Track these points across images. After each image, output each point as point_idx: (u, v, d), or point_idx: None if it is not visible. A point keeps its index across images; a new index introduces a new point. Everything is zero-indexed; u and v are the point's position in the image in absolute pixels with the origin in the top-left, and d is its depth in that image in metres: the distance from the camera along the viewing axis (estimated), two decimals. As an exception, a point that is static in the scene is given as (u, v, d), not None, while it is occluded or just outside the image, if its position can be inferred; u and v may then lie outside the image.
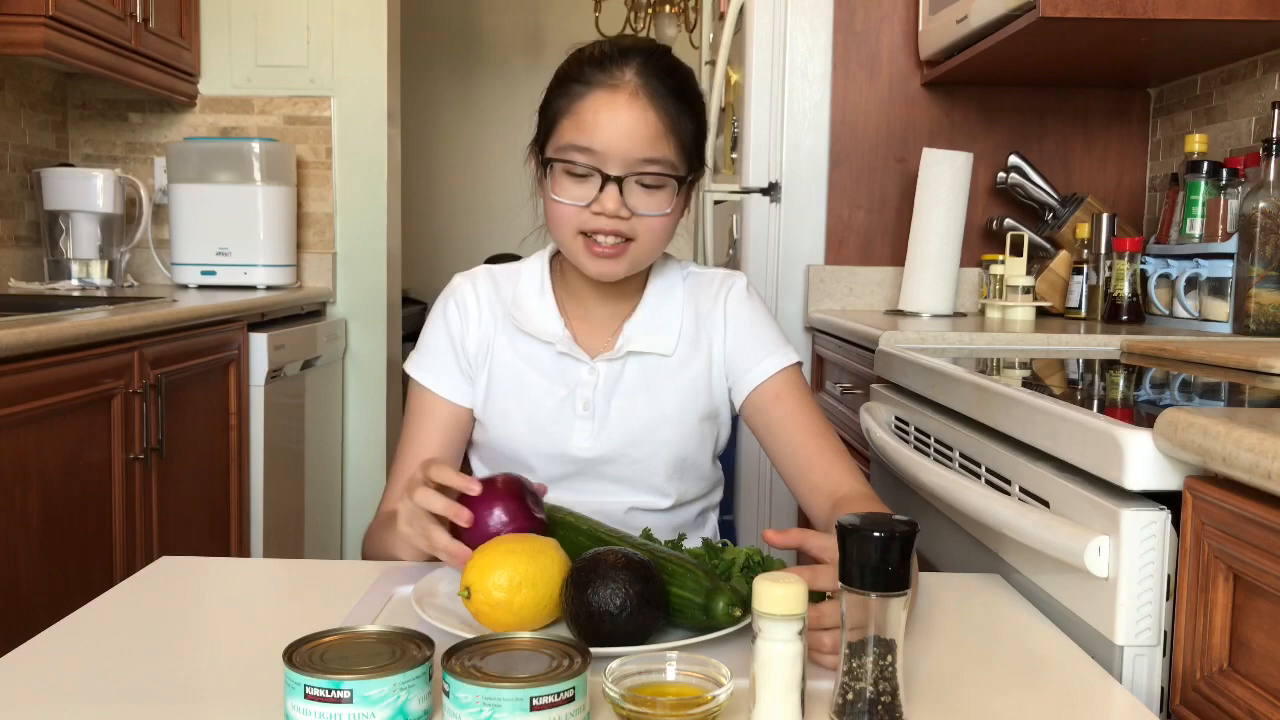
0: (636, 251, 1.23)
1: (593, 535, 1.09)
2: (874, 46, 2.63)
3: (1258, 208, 1.84)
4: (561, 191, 1.21)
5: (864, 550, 0.77)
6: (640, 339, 1.31)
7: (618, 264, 1.23)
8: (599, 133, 1.18)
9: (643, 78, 1.19)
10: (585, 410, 1.29)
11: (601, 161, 1.18)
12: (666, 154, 1.20)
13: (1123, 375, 1.48)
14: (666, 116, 1.20)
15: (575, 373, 1.30)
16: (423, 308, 5.34)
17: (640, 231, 1.21)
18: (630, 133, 1.18)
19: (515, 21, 5.94)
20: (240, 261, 3.11)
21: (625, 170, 1.18)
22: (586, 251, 1.22)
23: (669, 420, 1.31)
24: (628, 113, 1.18)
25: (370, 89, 3.37)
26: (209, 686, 0.91)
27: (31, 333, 1.76)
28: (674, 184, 1.22)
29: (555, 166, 1.21)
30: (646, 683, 0.83)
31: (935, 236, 2.42)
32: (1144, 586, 0.94)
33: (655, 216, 1.21)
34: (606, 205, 1.18)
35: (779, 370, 1.31)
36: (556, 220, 1.23)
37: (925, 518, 1.44)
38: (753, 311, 1.35)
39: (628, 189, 1.19)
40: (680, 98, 1.22)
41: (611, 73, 1.19)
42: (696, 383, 1.32)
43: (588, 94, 1.19)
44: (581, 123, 1.19)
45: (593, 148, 1.18)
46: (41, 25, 2.42)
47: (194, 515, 2.50)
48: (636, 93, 1.19)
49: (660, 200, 1.21)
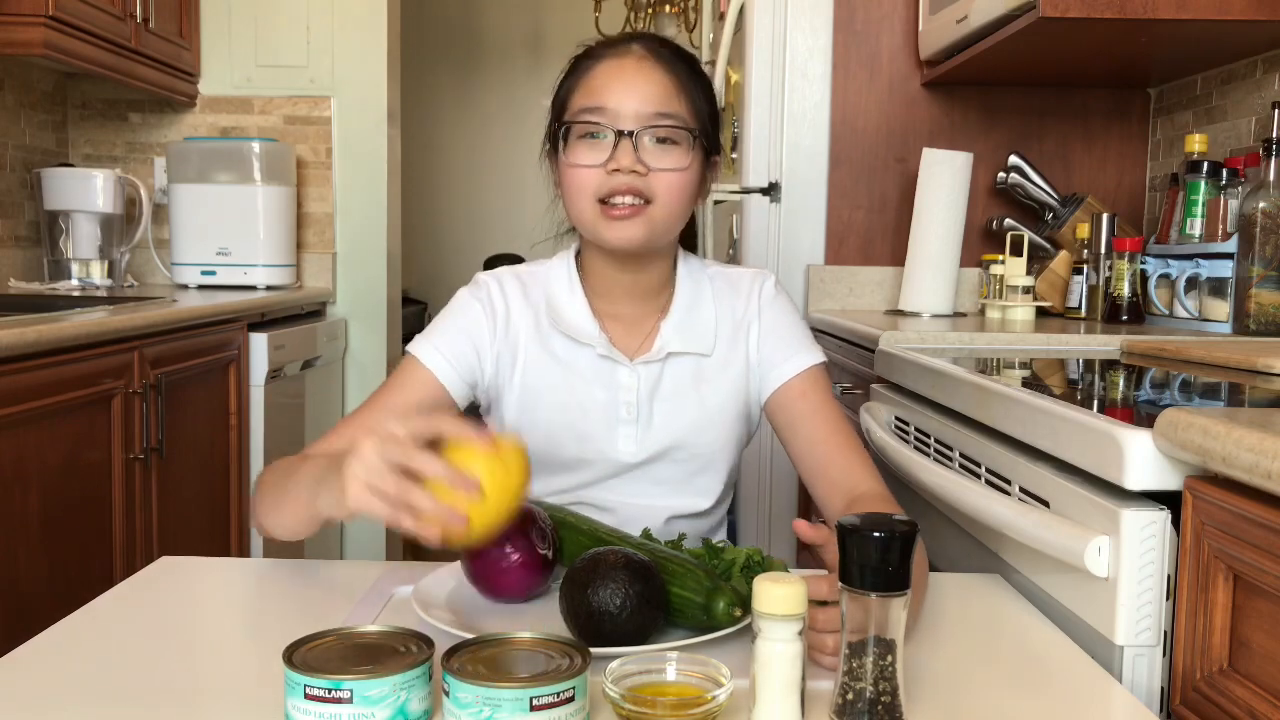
0: (654, 214, 1.20)
1: (593, 535, 1.09)
2: (874, 46, 2.63)
3: (1258, 208, 1.84)
4: (576, 156, 1.20)
5: (864, 550, 0.77)
6: (678, 340, 1.28)
7: (635, 226, 1.19)
8: (609, 92, 1.19)
9: (648, 47, 1.22)
10: (628, 414, 1.27)
11: (613, 119, 1.18)
12: (678, 110, 1.20)
13: (1123, 375, 1.48)
14: (677, 78, 1.21)
15: (615, 375, 1.27)
16: (423, 308, 5.32)
17: (658, 190, 1.19)
18: (640, 90, 1.19)
19: (515, 21, 5.94)
20: (240, 261, 3.11)
21: (638, 124, 1.18)
22: (604, 218, 1.20)
23: (712, 422, 1.29)
24: (636, 72, 1.20)
25: (370, 89, 3.37)
26: (209, 686, 0.91)
27: (31, 333, 1.76)
28: (688, 139, 1.21)
29: (570, 133, 1.21)
30: (646, 683, 0.83)
31: (935, 236, 2.42)
32: (1144, 586, 0.94)
33: (671, 171, 1.19)
34: (621, 160, 1.17)
35: (805, 369, 1.30)
36: (574, 188, 1.21)
37: (925, 518, 1.44)
38: (782, 310, 1.33)
39: (641, 145, 1.18)
40: (690, 68, 1.23)
41: (618, 46, 1.22)
42: (735, 382, 1.31)
43: (596, 65, 1.22)
44: (592, 88, 1.20)
45: (604, 106, 1.19)
46: (41, 25, 2.42)
47: (194, 515, 2.50)
48: (644, 57, 1.21)
49: (676, 156, 1.20)
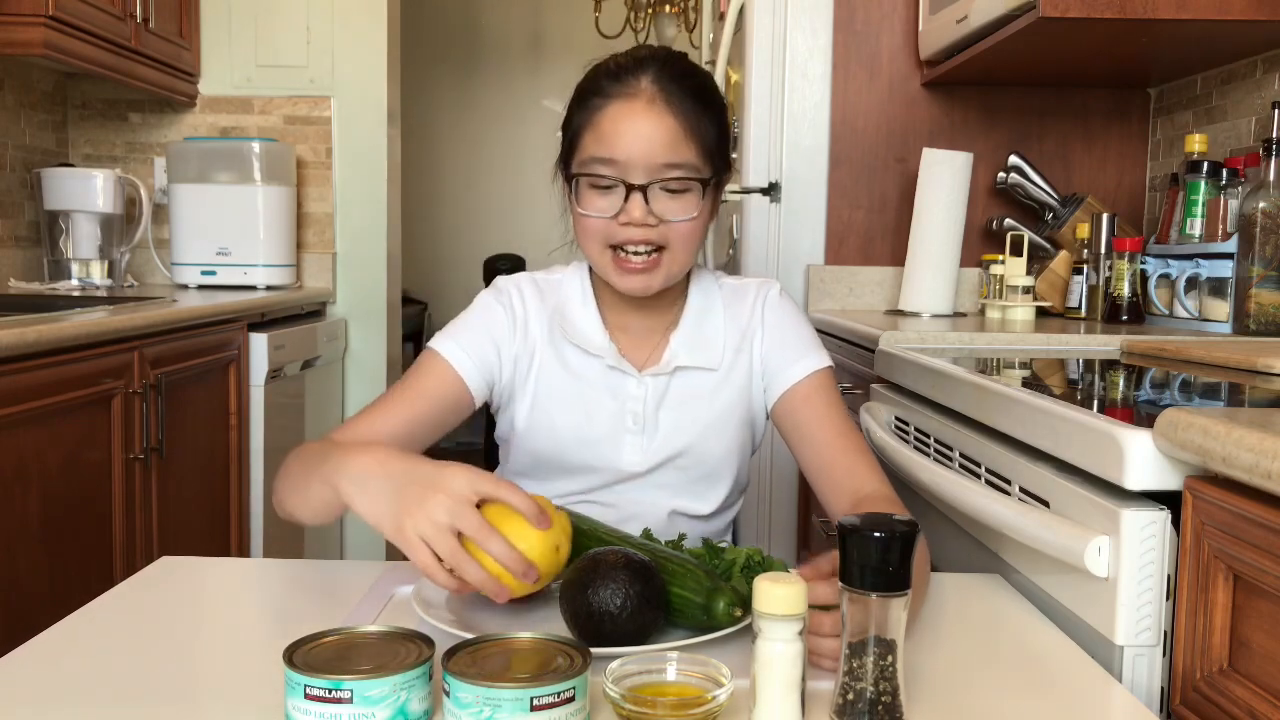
0: (668, 261, 1.21)
1: (593, 535, 1.09)
2: (874, 46, 2.63)
3: (1258, 208, 1.84)
4: (588, 205, 1.21)
5: (864, 550, 0.77)
6: (687, 354, 1.30)
7: (651, 278, 1.22)
8: (619, 142, 1.18)
9: (659, 84, 1.19)
10: (635, 424, 1.28)
11: (624, 171, 1.18)
12: (689, 157, 1.19)
13: (1123, 375, 1.48)
14: (686, 119, 1.19)
15: (624, 386, 1.29)
16: (423, 308, 5.33)
17: (671, 239, 1.20)
18: (650, 139, 1.17)
19: (515, 21, 5.94)
20: (240, 261, 3.11)
21: (648, 177, 1.18)
22: (616, 268, 1.21)
23: (716, 431, 1.30)
24: (645, 119, 1.18)
25: (370, 89, 3.37)
26: (209, 686, 0.91)
27: (31, 333, 1.76)
28: (699, 187, 1.20)
29: (580, 181, 1.21)
30: (647, 683, 0.83)
31: (935, 236, 2.42)
32: (1144, 586, 0.94)
33: (683, 222, 1.20)
34: (633, 214, 1.18)
35: (811, 373, 1.30)
36: (585, 235, 1.22)
37: (925, 518, 1.44)
38: (787, 316, 1.34)
39: (653, 196, 1.18)
40: (699, 99, 1.21)
41: (627, 82, 1.19)
42: (740, 391, 1.32)
43: (606, 106, 1.20)
44: (601, 135, 1.19)
45: (614, 158, 1.18)
46: (41, 25, 2.42)
47: (194, 515, 2.50)
48: (654, 99, 1.18)
49: (687, 204, 1.20)
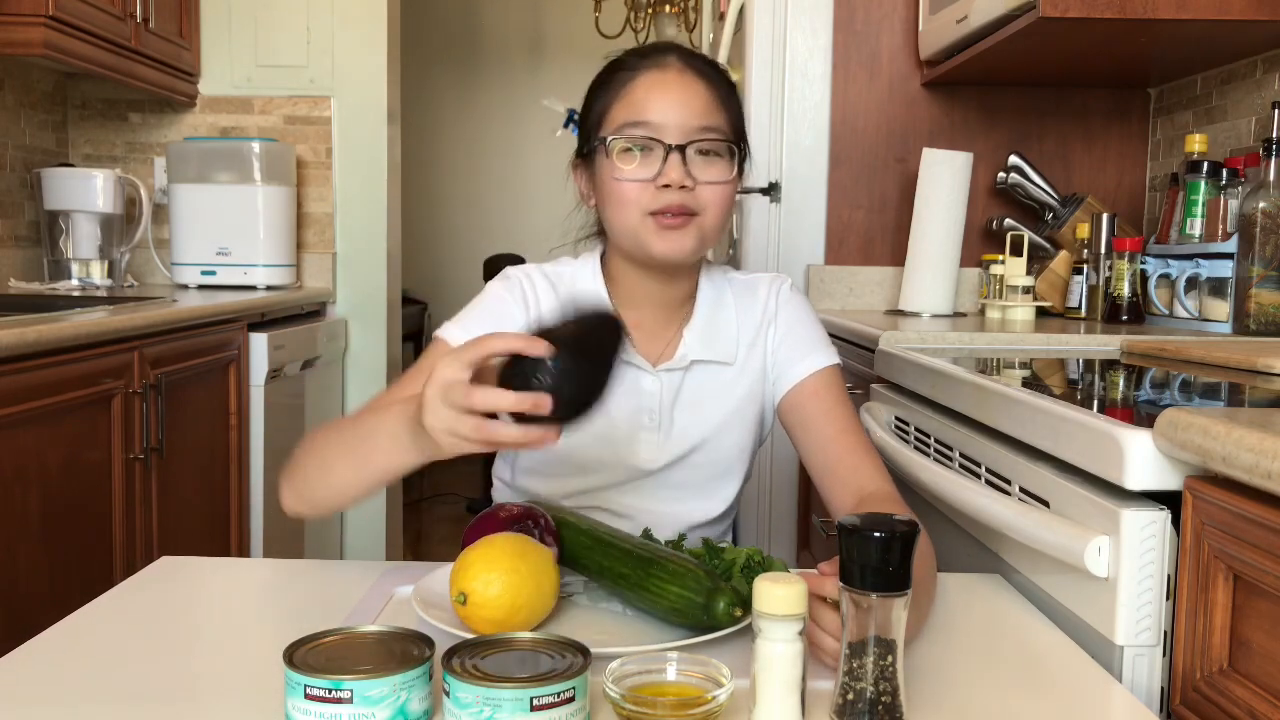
0: (702, 224, 1.20)
1: (592, 534, 1.09)
2: (874, 46, 2.63)
3: (1258, 208, 1.84)
4: (623, 170, 1.19)
5: (864, 550, 0.77)
6: (701, 348, 1.29)
7: (686, 237, 1.19)
8: (653, 106, 1.19)
9: (685, 60, 1.22)
10: (650, 421, 1.28)
11: (659, 132, 1.18)
12: (720, 123, 1.21)
13: (1123, 375, 1.48)
14: (715, 90, 1.22)
15: (639, 382, 1.27)
16: (423, 308, 5.32)
17: (706, 203, 1.19)
18: (685, 103, 1.19)
19: (515, 21, 5.94)
20: (240, 261, 3.11)
21: (684, 138, 1.18)
22: (657, 229, 1.19)
23: (730, 427, 1.30)
24: (679, 85, 1.20)
25: (370, 89, 3.37)
26: (209, 686, 0.91)
27: (31, 333, 1.76)
28: (729, 154, 1.21)
29: (614, 147, 1.20)
30: (647, 683, 0.83)
31: (935, 236, 2.42)
32: (1144, 586, 0.94)
33: (718, 184, 1.20)
34: (671, 175, 1.17)
35: (818, 369, 1.30)
36: (621, 203, 1.20)
37: (925, 518, 1.44)
38: (798, 310, 1.34)
39: (689, 158, 1.18)
40: (723, 79, 1.24)
41: (655, 58, 1.22)
42: (753, 386, 1.31)
43: (636, 76, 1.21)
44: (634, 101, 1.20)
45: (649, 119, 1.18)
46: (41, 25, 2.42)
47: (194, 515, 2.50)
48: (684, 69, 1.21)
49: (720, 169, 1.21)
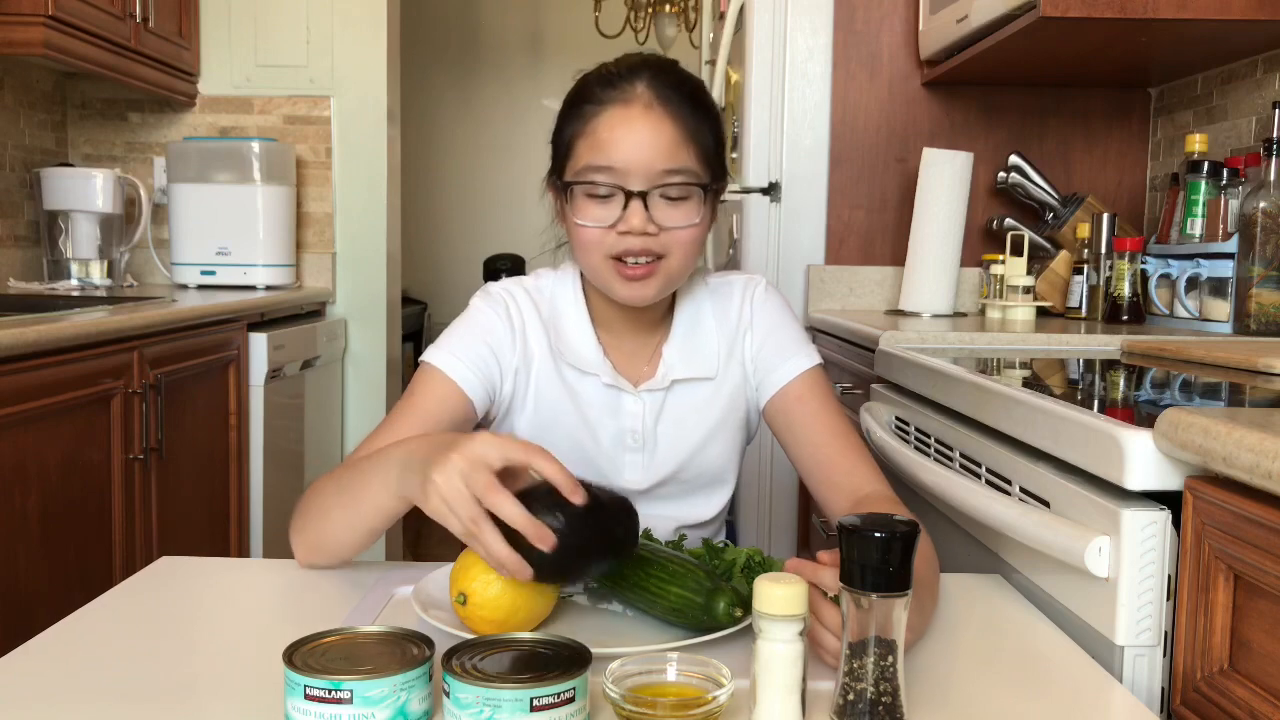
0: (668, 268, 1.18)
1: None
2: (874, 46, 2.63)
3: (1258, 208, 1.84)
4: (585, 215, 1.17)
5: (865, 550, 0.77)
6: (682, 366, 1.28)
7: (649, 285, 1.18)
8: (617, 149, 1.15)
9: (655, 89, 1.16)
10: (634, 442, 1.27)
11: (622, 178, 1.15)
12: (687, 163, 1.16)
13: (1123, 375, 1.48)
14: (684, 124, 1.16)
15: (621, 404, 1.27)
16: (423, 308, 5.33)
17: (671, 246, 1.17)
18: (649, 145, 1.14)
19: (515, 21, 5.94)
20: (240, 261, 3.11)
21: (648, 184, 1.15)
22: (617, 276, 1.18)
23: (714, 439, 1.30)
24: (644, 124, 1.15)
25: (370, 89, 3.37)
26: (209, 686, 0.91)
27: (31, 333, 1.76)
28: (699, 193, 1.18)
29: (576, 191, 1.17)
30: (647, 683, 0.83)
31: (935, 236, 2.42)
32: (1144, 587, 0.94)
33: (683, 229, 1.17)
34: (633, 223, 1.15)
35: (801, 372, 1.29)
36: (584, 246, 1.19)
37: (925, 518, 1.44)
38: (775, 313, 1.32)
39: (652, 203, 1.15)
40: (696, 105, 1.18)
41: (622, 88, 1.16)
42: (735, 394, 1.31)
43: (601, 112, 1.16)
44: (598, 142, 1.16)
45: (612, 165, 1.15)
46: (41, 25, 2.42)
47: (194, 515, 2.50)
48: (651, 104, 1.15)
49: (687, 211, 1.17)
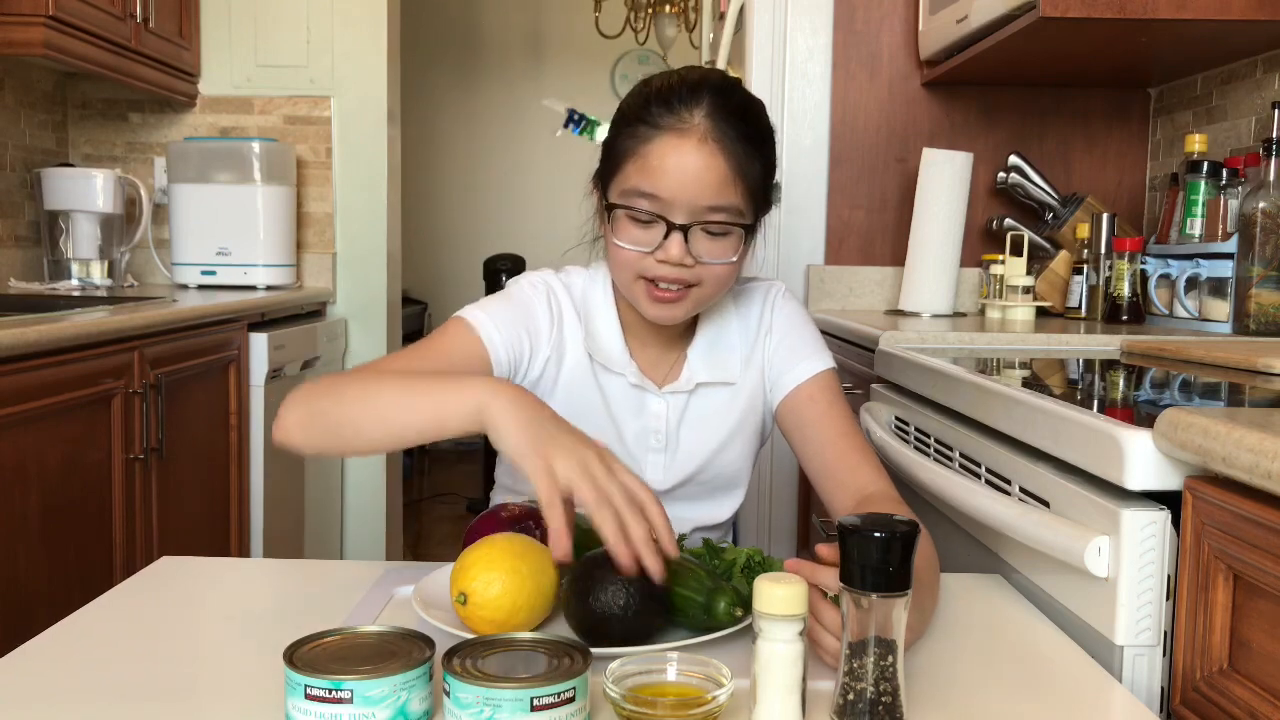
0: (698, 295, 1.20)
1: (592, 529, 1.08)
2: (874, 46, 2.63)
3: (1258, 208, 1.84)
4: (624, 236, 1.17)
5: (864, 550, 0.77)
6: (706, 370, 1.30)
7: (677, 308, 1.20)
8: (665, 179, 1.13)
9: (713, 120, 1.14)
10: (657, 443, 1.29)
11: (666, 209, 1.14)
12: (733, 200, 1.15)
13: (1123, 375, 1.48)
14: (735, 161, 1.14)
15: (646, 404, 1.29)
16: (423, 308, 5.33)
17: (705, 278, 1.18)
18: (697, 180, 1.13)
19: (515, 21, 5.94)
20: (240, 261, 3.11)
21: (691, 219, 1.14)
22: (647, 296, 1.19)
23: (733, 442, 1.32)
24: (695, 158, 1.13)
25: (370, 89, 3.37)
26: (209, 686, 0.91)
27: (31, 333, 1.76)
28: (740, 231, 1.18)
29: (618, 211, 1.17)
30: (647, 683, 0.83)
31: (935, 236, 2.42)
32: (1144, 586, 0.94)
33: (720, 264, 1.18)
34: (671, 253, 1.15)
35: (815, 374, 1.31)
36: (618, 264, 1.20)
37: (925, 518, 1.44)
38: (793, 317, 1.34)
39: (693, 236, 1.15)
40: (750, 140, 1.16)
41: (680, 114, 1.14)
42: (753, 397, 1.33)
43: (655, 137, 1.14)
44: (648, 167, 1.14)
45: (658, 194, 1.14)
46: (41, 25, 2.42)
47: (194, 515, 2.50)
48: (705, 137, 1.13)
49: (725, 247, 1.17)
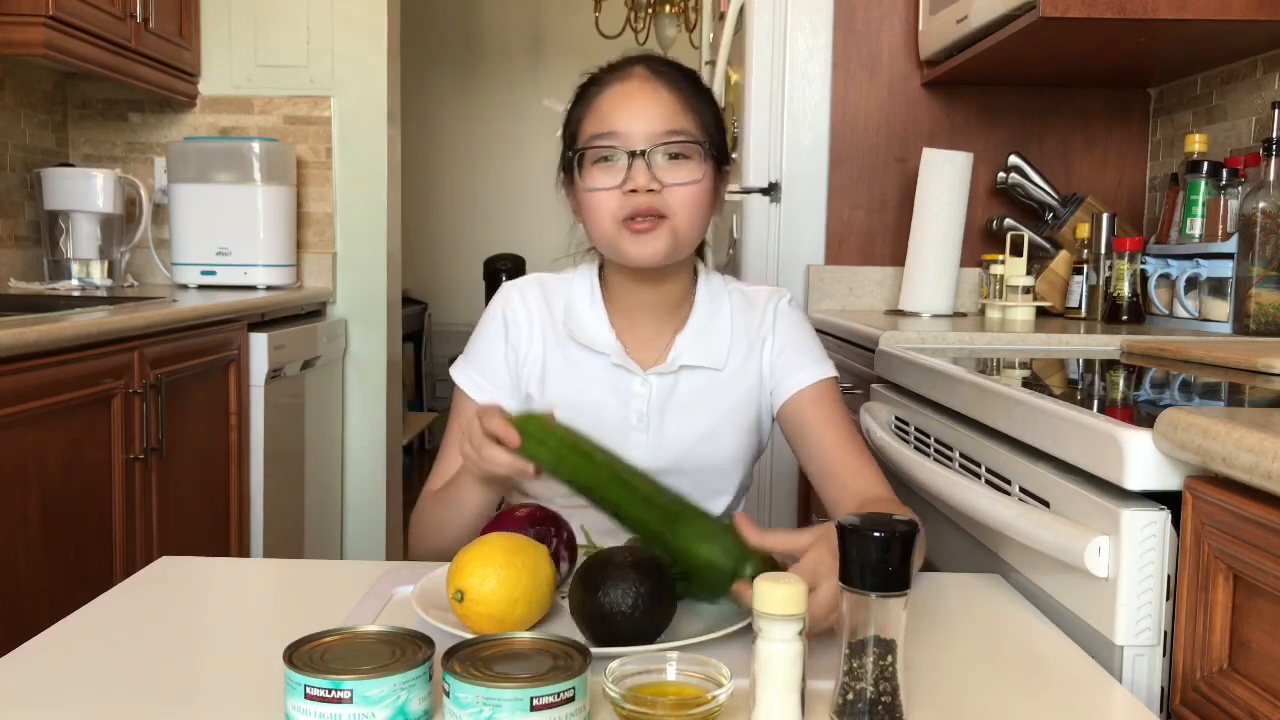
0: (674, 227, 1.24)
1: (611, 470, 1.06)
2: (874, 46, 2.63)
3: (1258, 208, 1.84)
4: (593, 180, 1.24)
5: (864, 550, 0.77)
6: (691, 353, 1.31)
7: (657, 240, 1.23)
8: (618, 116, 1.23)
9: (651, 69, 1.26)
10: (639, 423, 1.30)
11: (624, 140, 1.23)
12: (685, 125, 1.24)
13: (1123, 375, 1.48)
14: (680, 94, 1.25)
15: (628, 384, 1.30)
16: (423, 308, 5.33)
17: (675, 205, 1.23)
18: (648, 110, 1.23)
19: (515, 22, 5.94)
20: (240, 261, 3.11)
21: (648, 143, 1.22)
22: (626, 234, 1.23)
23: (722, 434, 1.32)
24: (642, 94, 1.24)
25: (370, 89, 3.37)
26: (209, 686, 0.91)
27: (31, 333, 1.76)
28: (699, 151, 1.24)
29: (585, 159, 1.25)
30: (647, 683, 0.83)
31: (935, 236, 2.42)
32: (1144, 586, 0.94)
33: (685, 185, 1.23)
34: (637, 180, 1.21)
35: (817, 380, 1.32)
36: (593, 212, 1.25)
37: (925, 518, 1.44)
38: (797, 325, 1.36)
39: (654, 163, 1.22)
40: (692, 83, 1.27)
41: (622, 70, 1.27)
42: (748, 395, 1.33)
43: (603, 91, 1.26)
44: (600, 114, 1.25)
45: (615, 130, 1.23)
46: (41, 25, 2.42)
47: (194, 515, 2.50)
48: (648, 78, 1.25)
49: (689, 169, 1.24)
